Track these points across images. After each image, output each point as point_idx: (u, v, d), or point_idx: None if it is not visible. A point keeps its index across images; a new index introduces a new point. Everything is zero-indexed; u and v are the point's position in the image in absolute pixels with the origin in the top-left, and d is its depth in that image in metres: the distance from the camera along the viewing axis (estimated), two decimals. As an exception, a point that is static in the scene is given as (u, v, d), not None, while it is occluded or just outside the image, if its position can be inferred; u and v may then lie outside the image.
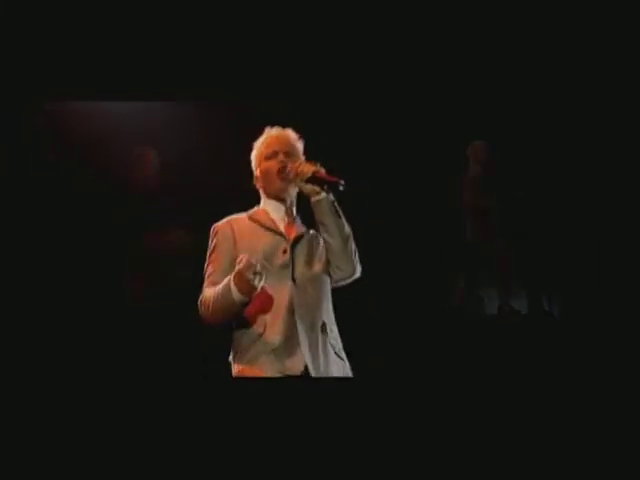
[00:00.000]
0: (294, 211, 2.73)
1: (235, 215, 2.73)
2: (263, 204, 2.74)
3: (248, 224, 2.67)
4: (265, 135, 2.76)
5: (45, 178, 5.01)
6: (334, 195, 2.56)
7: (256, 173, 2.75)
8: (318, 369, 2.47)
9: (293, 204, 2.73)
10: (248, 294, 2.43)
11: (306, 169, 2.55)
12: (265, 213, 2.70)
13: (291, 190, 2.68)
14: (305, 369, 2.46)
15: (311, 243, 2.67)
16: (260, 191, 2.76)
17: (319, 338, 2.53)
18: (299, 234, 2.68)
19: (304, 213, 2.70)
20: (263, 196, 2.75)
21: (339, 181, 2.51)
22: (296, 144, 2.74)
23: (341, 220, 2.58)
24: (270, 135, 2.75)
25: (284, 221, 2.69)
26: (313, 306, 2.57)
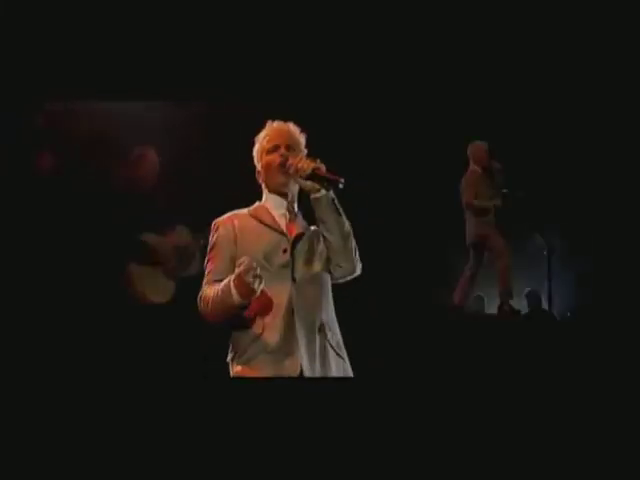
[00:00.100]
0: (295, 207, 2.68)
1: (236, 211, 2.68)
2: (265, 199, 2.70)
3: (249, 221, 2.63)
4: (267, 129, 2.70)
5: (45, 178, 5.01)
6: (334, 192, 2.52)
7: (258, 167, 2.71)
8: (314, 372, 2.46)
9: (295, 199, 2.68)
10: (248, 297, 2.41)
11: (306, 165, 2.50)
12: (266, 210, 2.66)
13: (293, 185, 2.63)
14: (301, 372, 2.44)
15: (312, 240, 2.62)
16: (262, 185, 2.71)
17: (317, 340, 2.51)
18: (300, 232, 2.63)
19: (306, 209, 2.66)
20: (265, 190, 2.70)
21: (338, 179, 2.47)
22: (298, 137, 2.69)
23: (341, 218, 2.54)
24: (272, 129, 2.69)
25: (285, 217, 2.64)
26: (313, 306, 2.54)
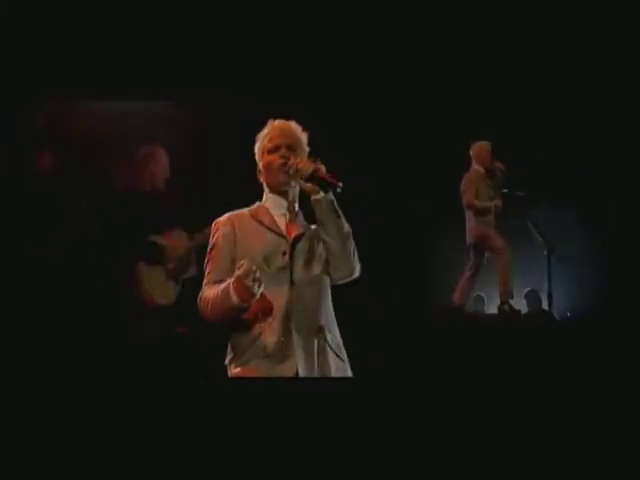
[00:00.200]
0: (296, 206, 2.67)
1: (237, 211, 2.66)
2: (265, 199, 2.68)
3: (249, 222, 2.61)
4: (268, 127, 2.67)
5: (45, 178, 5.01)
6: (333, 194, 2.51)
7: (259, 166, 2.68)
8: (311, 374, 2.44)
9: (296, 199, 2.66)
10: (247, 301, 2.40)
11: (306, 166, 2.49)
12: (266, 210, 2.64)
13: (293, 184, 2.61)
14: (297, 375, 2.42)
15: (312, 241, 2.61)
16: (263, 185, 2.69)
17: (315, 343, 2.49)
18: (300, 232, 2.61)
19: (307, 209, 2.65)
20: (266, 190, 2.68)
21: (337, 183, 2.46)
22: (300, 137, 2.65)
23: (340, 220, 2.53)
24: (273, 127, 2.66)
25: (285, 218, 2.62)
26: (311, 309, 2.53)
